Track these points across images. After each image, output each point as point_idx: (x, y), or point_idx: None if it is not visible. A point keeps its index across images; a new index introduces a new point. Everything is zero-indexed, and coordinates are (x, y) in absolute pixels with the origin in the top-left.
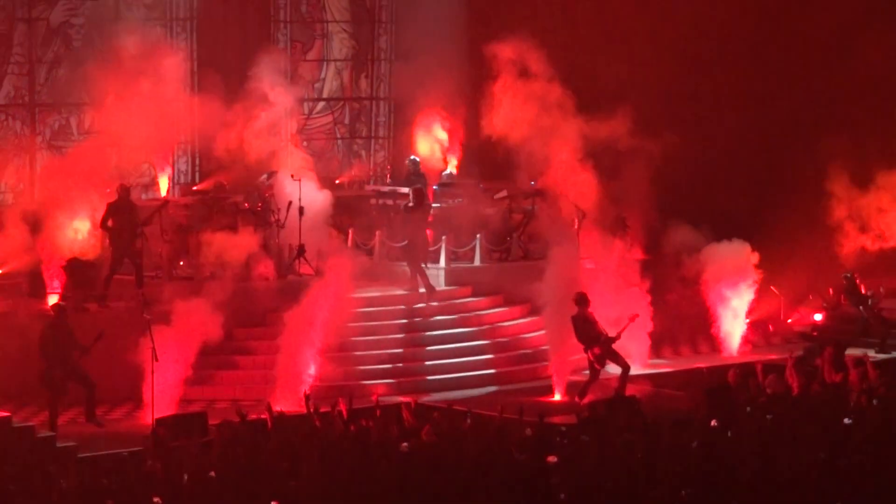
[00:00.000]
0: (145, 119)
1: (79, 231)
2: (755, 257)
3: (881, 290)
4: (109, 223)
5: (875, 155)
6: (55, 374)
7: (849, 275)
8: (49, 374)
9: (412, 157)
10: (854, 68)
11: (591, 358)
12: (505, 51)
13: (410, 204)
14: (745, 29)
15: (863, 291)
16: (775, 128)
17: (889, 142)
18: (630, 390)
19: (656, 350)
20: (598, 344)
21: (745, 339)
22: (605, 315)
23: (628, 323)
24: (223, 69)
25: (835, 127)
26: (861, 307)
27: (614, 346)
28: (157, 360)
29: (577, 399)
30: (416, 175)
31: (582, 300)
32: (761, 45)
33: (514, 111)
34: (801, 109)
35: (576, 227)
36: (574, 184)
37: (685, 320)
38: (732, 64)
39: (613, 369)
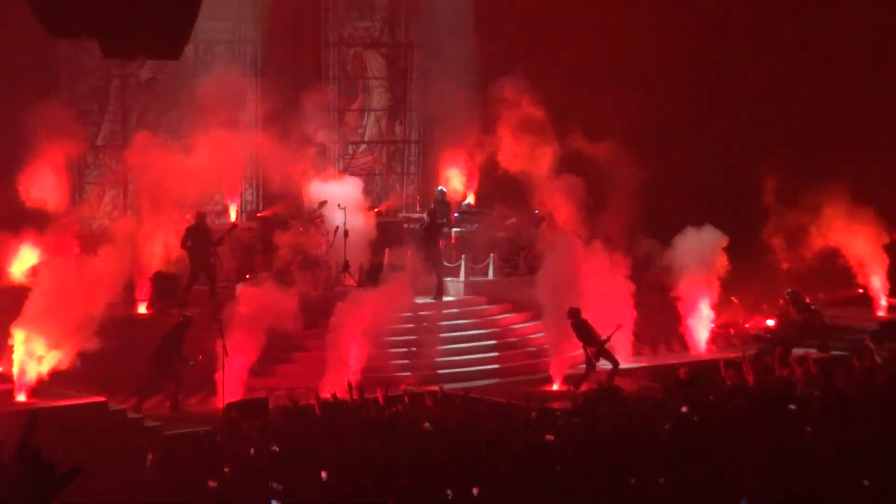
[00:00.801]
0: (219, 157)
1: (163, 250)
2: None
3: (821, 297)
4: (188, 244)
5: (810, 175)
6: (159, 370)
7: (790, 291)
8: (155, 370)
9: (440, 187)
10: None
11: (589, 355)
12: (504, 94)
13: (426, 222)
14: (702, 60)
15: (807, 301)
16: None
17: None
18: (616, 382)
19: (638, 349)
20: (595, 344)
21: (711, 340)
22: (597, 317)
23: (615, 331)
24: (283, 116)
25: (777, 147)
26: (807, 314)
27: (607, 346)
28: (226, 354)
29: (573, 388)
30: (442, 202)
31: (574, 313)
32: (714, 73)
33: (514, 146)
34: (748, 132)
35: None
36: (568, 208)
37: (662, 324)
38: (692, 93)
39: (606, 365)
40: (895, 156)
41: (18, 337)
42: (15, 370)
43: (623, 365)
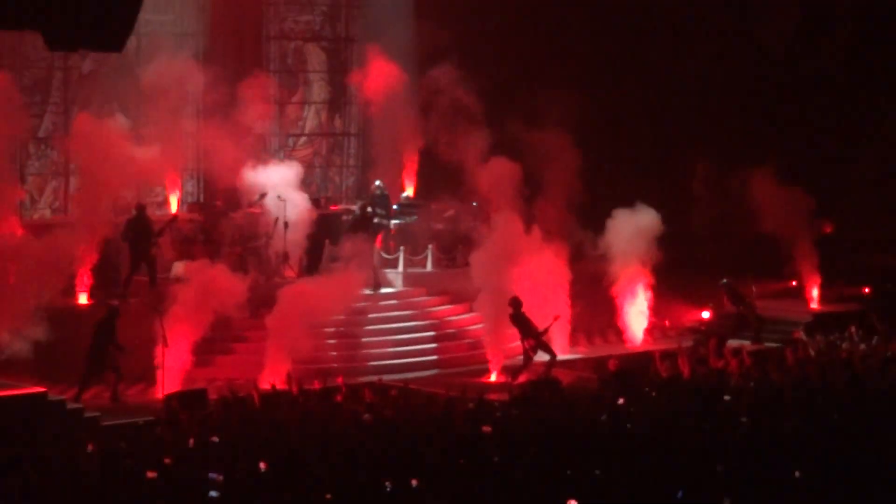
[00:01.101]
0: (160, 148)
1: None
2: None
3: (753, 290)
4: (129, 235)
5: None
6: (95, 360)
7: (724, 281)
8: (91, 359)
9: (377, 181)
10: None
11: (527, 347)
12: (439, 84)
13: (357, 214)
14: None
15: (741, 292)
16: (670, 138)
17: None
18: (554, 373)
19: (574, 340)
20: (532, 337)
21: (647, 332)
22: (533, 306)
23: (552, 322)
24: (224, 109)
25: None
26: (740, 306)
27: (544, 338)
28: (166, 345)
29: (511, 380)
30: (381, 196)
31: (515, 303)
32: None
33: (449, 136)
34: (684, 119)
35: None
36: (503, 194)
37: (597, 315)
38: (632, 81)
39: (544, 357)
40: (832, 144)
41: None
42: None
43: (560, 356)
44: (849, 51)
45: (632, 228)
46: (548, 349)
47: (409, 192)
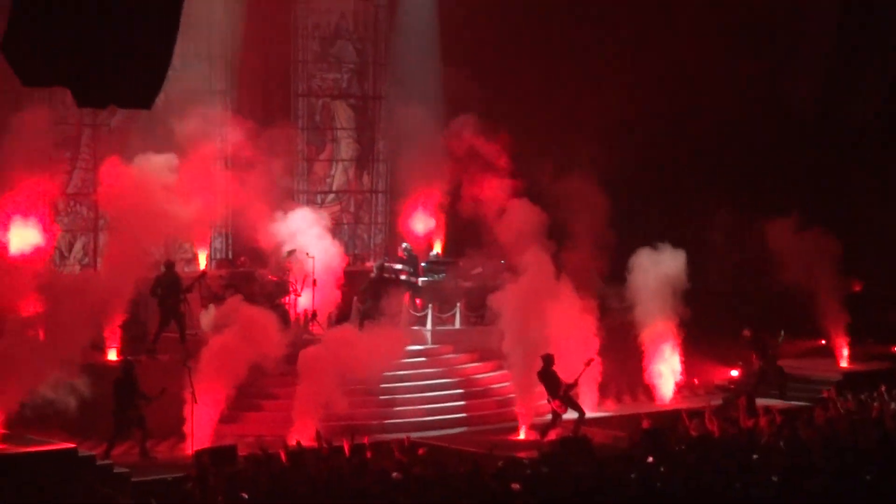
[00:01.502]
0: (188, 206)
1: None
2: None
3: (781, 337)
4: (158, 292)
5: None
6: (121, 416)
7: (747, 332)
8: (117, 416)
9: (404, 244)
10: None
11: (554, 406)
12: (465, 143)
13: (374, 274)
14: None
15: (766, 344)
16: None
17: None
18: (583, 431)
19: (603, 398)
20: (559, 396)
21: (676, 390)
22: (562, 360)
23: (585, 367)
24: (251, 166)
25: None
26: (763, 360)
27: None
28: (195, 401)
29: (540, 437)
30: (409, 257)
31: (548, 360)
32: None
33: (475, 191)
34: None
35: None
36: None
37: (626, 373)
38: (659, 128)
39: (573, 414)
40: (861, 198)
41: None
42: None
43: (589, 414)
44: (880, 102)
45: (656, 269)
46: (576, 406)
47: (437, 249)
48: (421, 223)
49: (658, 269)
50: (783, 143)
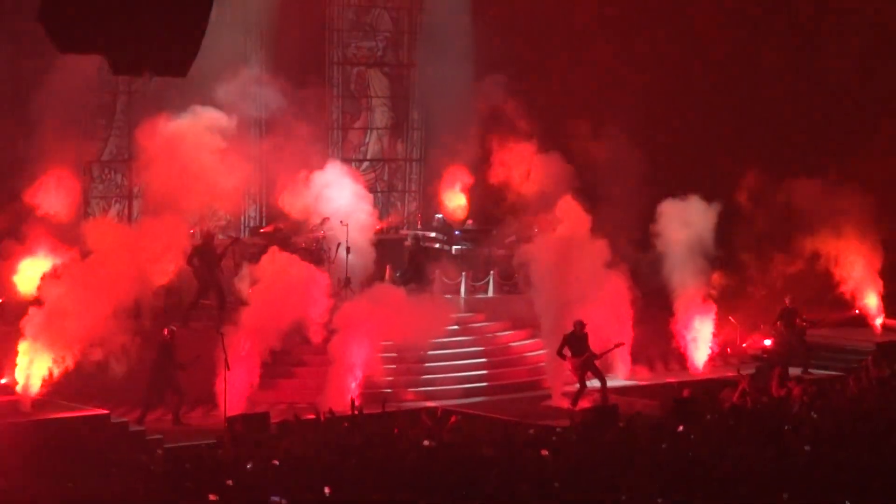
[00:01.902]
0: (223, 173)
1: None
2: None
3: (806, 321)
4: (194, 262)
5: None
6: (158, 383)
7: (787, 300)
8: (153, 382)
9: (438, 215)
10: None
11: (570, 369)
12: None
13: (412, 245)
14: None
15: (797, 321)
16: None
17: None
18: (612, 399)
19: (635, 365)
20: (580, 359)
21: (709, 360)
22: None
23: (613, 348)
24: (286, 133)
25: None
26: (790, 332)
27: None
28: (228, 368)
29: (570, 406)
30: (442, 226)
31: (579, 325)
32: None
33: (509, 164)
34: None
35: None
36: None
37: (658, 341)
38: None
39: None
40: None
41: (23, 348)
42: (20, 381)
43: (621, 382)
44: None
45: (683, 218)
46: (598, 373)
47: (469, 218)
48: (454, 192)
49: (685, 221)
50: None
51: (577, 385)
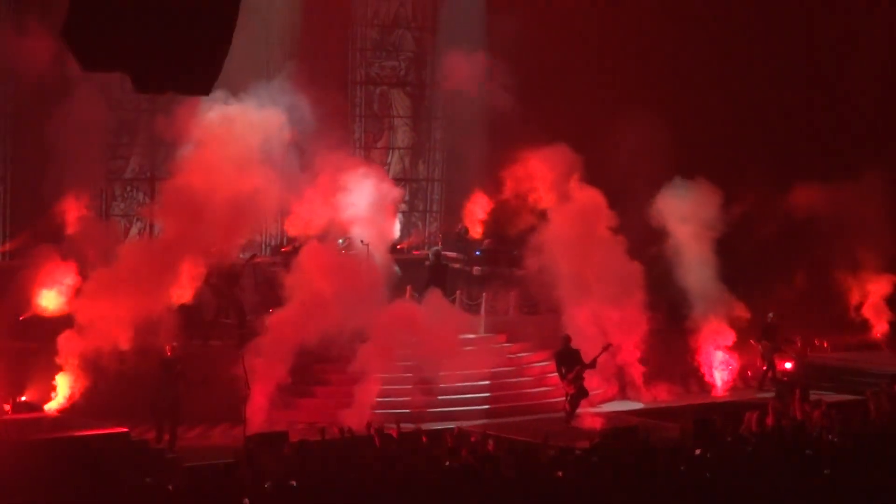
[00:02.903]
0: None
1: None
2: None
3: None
4: (213, 280)
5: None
6: (162, 402)
7: (771, 315)
8: (157, 401)
9: (461, 225)
10: None
11: (564, 386)
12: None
13: (431, 261)
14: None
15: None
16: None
17: None
18: (632, 421)
19: (655, 388)
20: (570, 377)
21: (728, 382)
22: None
23: (602, 352)
24: (307, 151)
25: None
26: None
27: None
28: (248, 388)
29: (567, 418)
30: (462, 241)
31: (566, 339)
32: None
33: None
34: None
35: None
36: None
37: (679, 364)
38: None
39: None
40: None
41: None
42: (41, 398)
43: (641, 405)
44: None
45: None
46: (581, 388)
47: (487, 238)
48: (473, 212)
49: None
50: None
51: (568, 398)
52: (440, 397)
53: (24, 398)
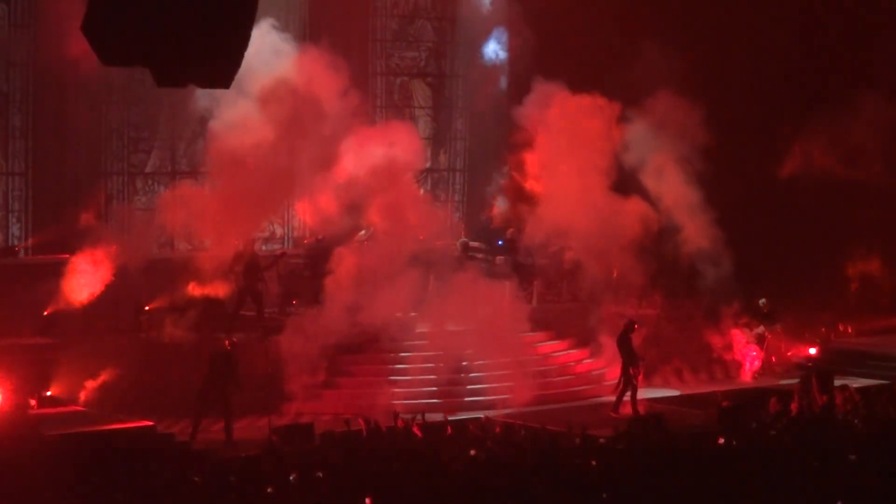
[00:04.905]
0: (266, 185)
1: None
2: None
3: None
4: (236, 269)
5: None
6: (209, 396)
7: (762, 301)
8: (204, 395)
9: (487, 214)
10: None
11: (632, 373)
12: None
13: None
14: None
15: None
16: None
17: None
18: (660, 409)
19: (680, 375)
20: (634, 363)
21: (754, 368)
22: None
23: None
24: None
25: None
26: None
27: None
28: (272, 379)
29: (614, 414)
30: (486, 231)
31: (631, 327)
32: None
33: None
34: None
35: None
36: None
37: (706, 351)
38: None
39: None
40: None
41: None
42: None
43: (666, 392)
44: None
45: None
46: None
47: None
48: (496, 202)
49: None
50: None
51: (623, 389)
52: (465, 387)
53: (49, 393)
